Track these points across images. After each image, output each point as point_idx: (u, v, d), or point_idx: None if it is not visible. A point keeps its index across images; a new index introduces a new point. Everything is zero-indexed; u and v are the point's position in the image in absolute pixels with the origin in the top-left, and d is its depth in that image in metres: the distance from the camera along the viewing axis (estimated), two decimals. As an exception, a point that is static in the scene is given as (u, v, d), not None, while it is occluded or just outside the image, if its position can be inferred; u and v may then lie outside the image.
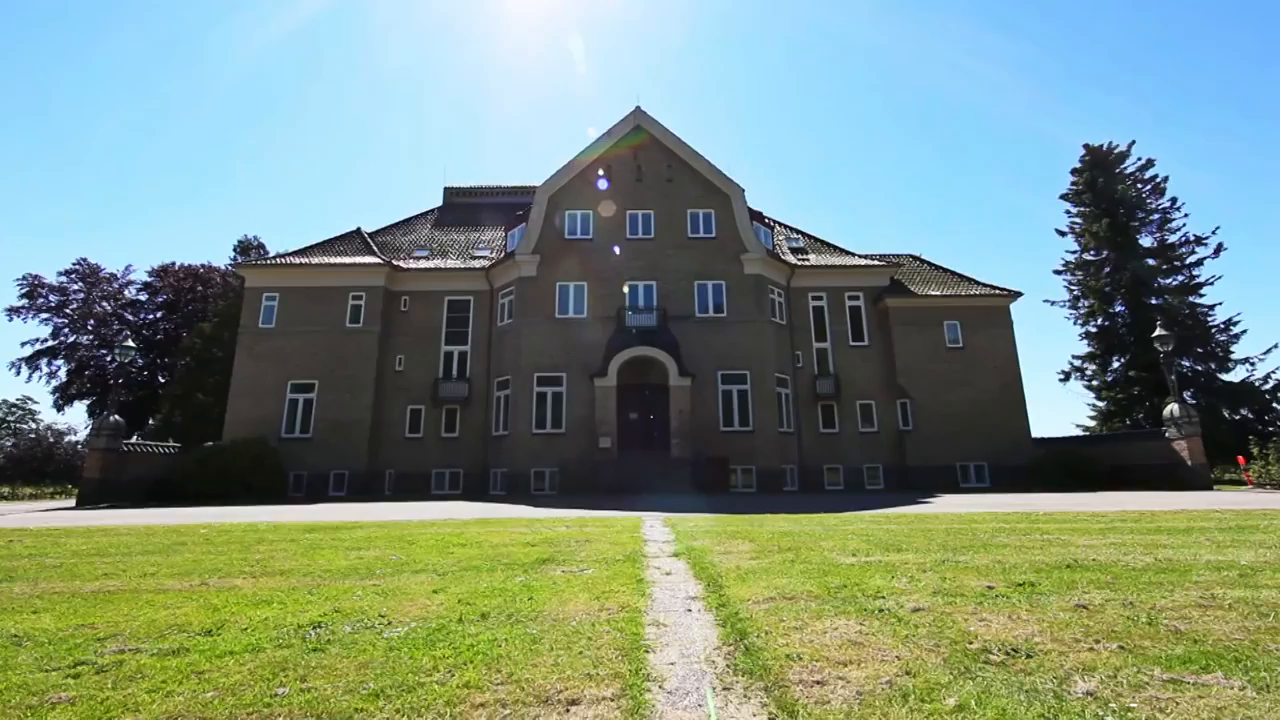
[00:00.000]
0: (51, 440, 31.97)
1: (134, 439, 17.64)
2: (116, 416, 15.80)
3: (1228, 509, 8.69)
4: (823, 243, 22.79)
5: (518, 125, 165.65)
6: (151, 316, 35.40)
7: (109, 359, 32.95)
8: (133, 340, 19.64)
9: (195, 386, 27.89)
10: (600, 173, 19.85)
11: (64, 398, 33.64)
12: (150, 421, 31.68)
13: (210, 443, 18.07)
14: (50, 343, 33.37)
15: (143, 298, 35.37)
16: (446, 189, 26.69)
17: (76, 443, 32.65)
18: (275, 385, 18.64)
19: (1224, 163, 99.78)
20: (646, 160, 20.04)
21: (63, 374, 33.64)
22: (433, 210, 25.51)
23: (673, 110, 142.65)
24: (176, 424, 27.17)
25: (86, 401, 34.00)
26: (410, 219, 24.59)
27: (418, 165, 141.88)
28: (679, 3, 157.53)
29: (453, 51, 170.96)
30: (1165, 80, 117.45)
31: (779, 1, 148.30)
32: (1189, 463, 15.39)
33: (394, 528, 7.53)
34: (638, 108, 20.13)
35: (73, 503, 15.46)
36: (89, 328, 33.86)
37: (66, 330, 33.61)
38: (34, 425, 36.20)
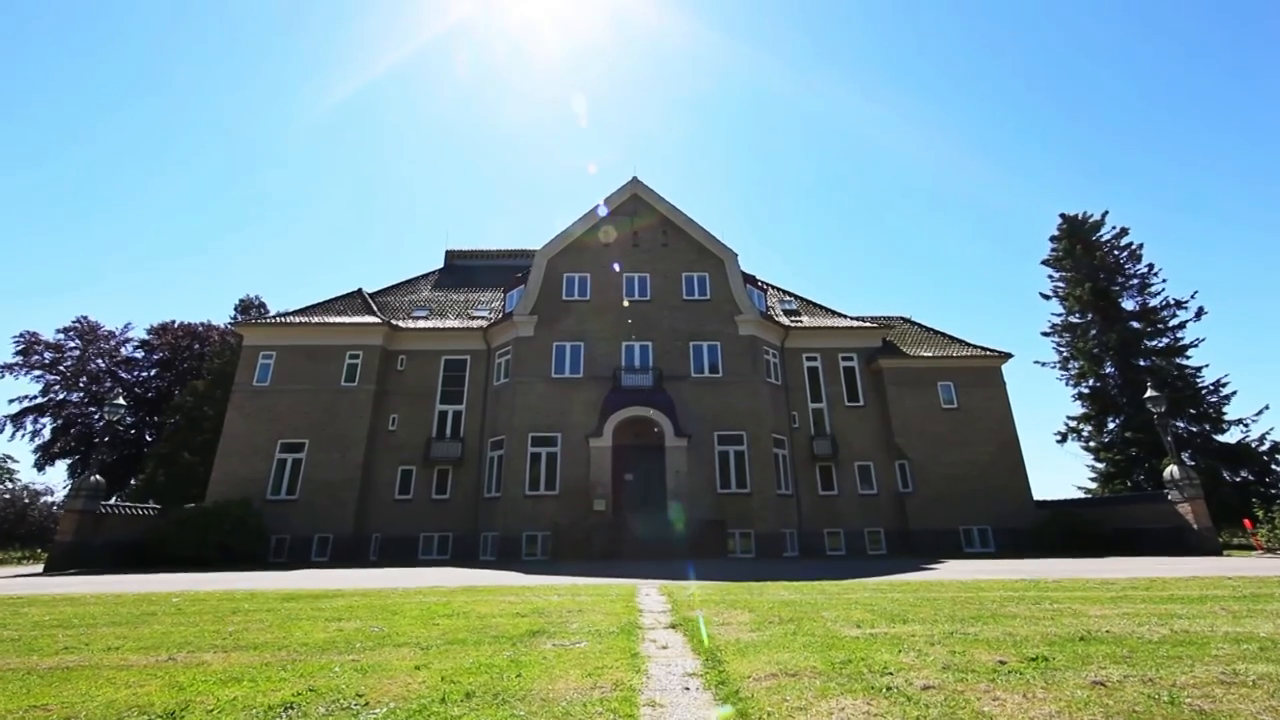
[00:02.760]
0: (26, 501, 30.88)
1: (113, 500, 17.11)
2: (97, 476, 15.38)
3: (1240, 575, 8.46)
4: (815, 304, 23.28)
5: (520, 187, 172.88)
6: (145, 374, 35.23)
7: (97, 417, 32.45)
8: (124, 398, 19.42)
9: (182, 445, 27.36)
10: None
11: (46, 456, 32.83)
12: (132, 482, 30.81)
13: (192, 504, 17.52)
14: (39, 400, 32.96)
15: (139, 355, 35.34)
16: (448, 251, 27.40)
17: (53, 504, 31.55)
18: (265, 444, 18.31)
19: (1194, 237, 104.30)
20: (643, 226, 20.78)
21: (47, 432, 33.01)
22: (434, 271, 26.08)
23: (669, 177, 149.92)
24: (159, 484, 26.41)
25: (68, 460, 33.18)
26: (411, 280, 25.08)
27: (422, 229, 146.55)
28: (675, 79, 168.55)
29: (459, 118, 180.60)
30: (1133, 157, 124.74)
31: (768, 86, 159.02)
32: (1195, 526, 15.09)
33: (377, 596, 7.19)
34: (634, 178, 21.09)
35: (41, 568, 14.76)
36: (80, 385, 33.56)
37: (58, 387, 33.29)
38: (10, 485, 35.06)
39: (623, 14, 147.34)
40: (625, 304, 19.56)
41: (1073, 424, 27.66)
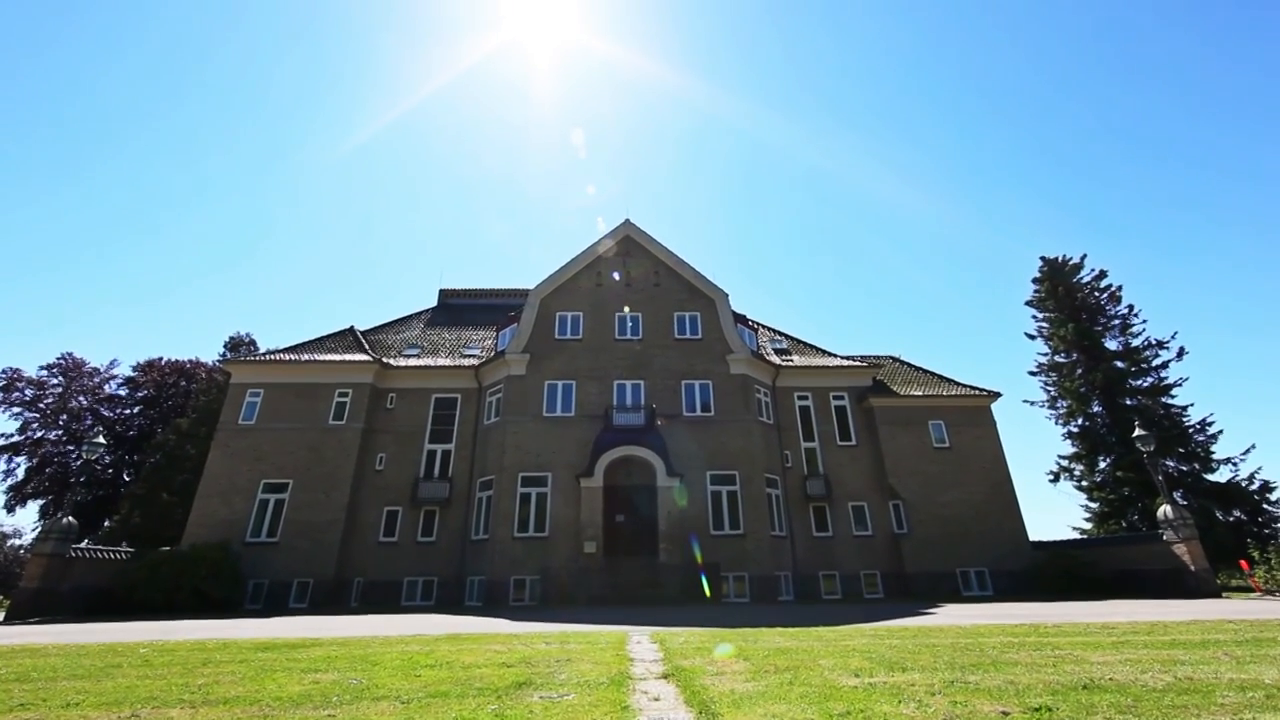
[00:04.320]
0: (-8, 545, 29.70)
1: (84, 543, 16.44)
2: (70, 518, 14.82)
3: (1240, 619, 8.34)
4: (805, 344, 23.49)
5: (516, 227, 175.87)
6: (128, 412, 34.55)
7: (74, 455, 31.61)
8: (104, 436, 18.94)
9: (161, 485, 26.58)
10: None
11: (17, 497, 31.73)
12: (106, 523, 29.76)
13: (167, 547, 16.90)
14: (15, 438, 32.11)
15: (123, 392, 34.75)
16: (442, 290, 27.56)
17: (20, 547, 30.36)
18: (247, 484, 17.85)
19: (1171, 278, 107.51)
20: (635, 266, 21.12)
21: (21, 471, 32.02)
22: (427, 310, 26.14)
23: (661, 218, 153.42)
24: (134, 526, 25.51)
25: (40, 501, 32.07)
26: (404, 318, 25.09)
27: (417, 268, 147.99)
28: (667, 124, 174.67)
29: (458, 162, 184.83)
30: (1106, 203, 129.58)
31: (757, 132, 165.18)
32: (1192, 567, 14.93)
33: (356, 645, 6.90)
34: (627, 220, 21.56)
35: (2, 616, 14.04)
36: (60, 423, 32.81)
37: (36, 425, 32.50)
38: (-23, 528, 33.73)
39: (616, 67, 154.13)
40: (615, 343, 19.66)
41: (1064, 463, 27.65)
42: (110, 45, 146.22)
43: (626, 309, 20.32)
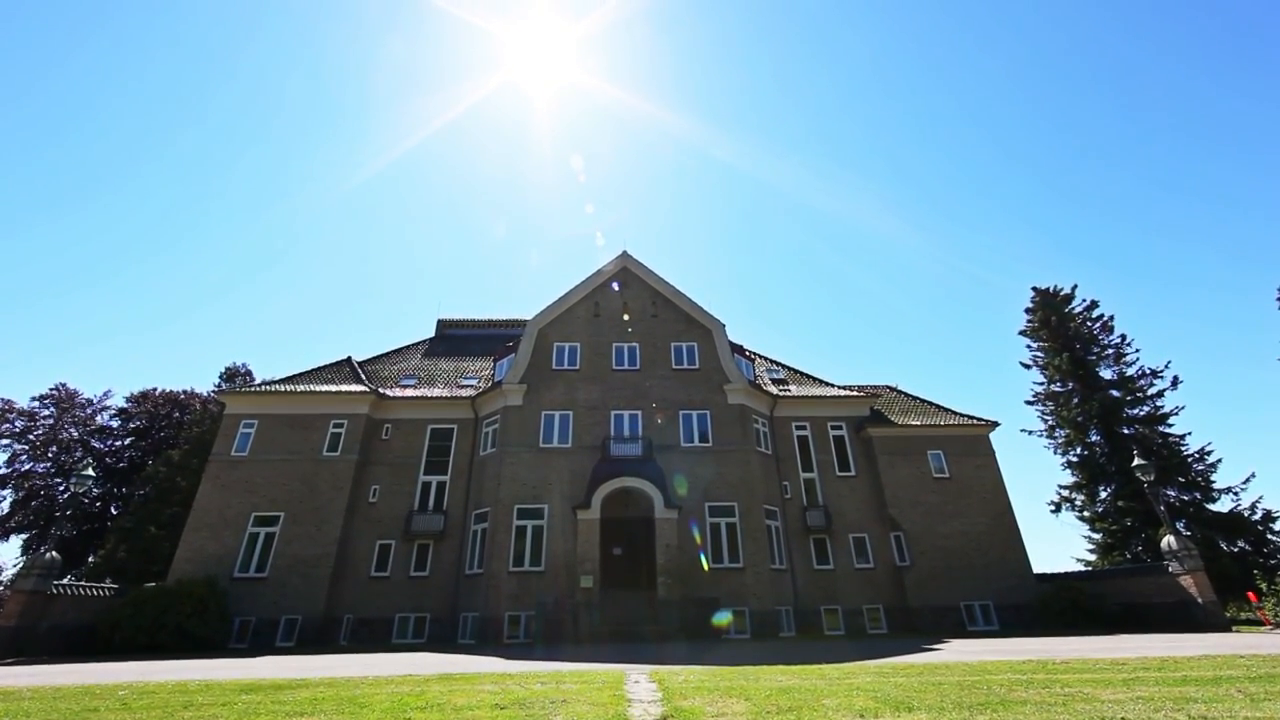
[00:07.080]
0: (-30, 581, 28.88)
1: (67, 579, 16.03)
2: (54, 553, 14.47)
3: (1252, 654, 8.16)
4: (802, 374, 23.54)
5: (515, 256, 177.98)
6: (119, 443, 34.12)
7: (62, 488, 31.06)
8: (94, 468, 18.56)
9: (149, 519, 26.07)
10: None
11: (1, 531, 31.03)
12: (91, 559, 29.05)
13: (153, 583, 16.46)
14: (2, 471, 31.58)
15: (114, 424, 34.39)
16: (440, 321, 27.65)
17: (0, 583, 29.58)
18: (237, 517, 17.52)
19: (1164, 306, 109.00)
20: (632, 297, 21.31)
21: (6, 505, 31.38)
22: (425, 340, 26.17)
23: (658, 249, 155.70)
24: (119, 561, 24.90)
25: (25, 535, 31.34)
26: (402, 348, 25.10)
27: (417, 299, 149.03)
28: (664, 160, 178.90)
29: (456, 195, 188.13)
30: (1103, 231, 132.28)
31: (752, 174, 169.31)
32: (1200, 599, 14.68)
33: (345, 686, 6.68)
34: (624, 252, 21.86)
35: (-23, 657, 13.54)
36: (49, 455, 32.34)
37: (25, 457, 32.02)
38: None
39: (614, 106, 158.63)
40: (612, 373, 19.68)
41: (1065, 493, 27.42)
42: (117, 74, 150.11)
43: (624, 339, 20.42)
